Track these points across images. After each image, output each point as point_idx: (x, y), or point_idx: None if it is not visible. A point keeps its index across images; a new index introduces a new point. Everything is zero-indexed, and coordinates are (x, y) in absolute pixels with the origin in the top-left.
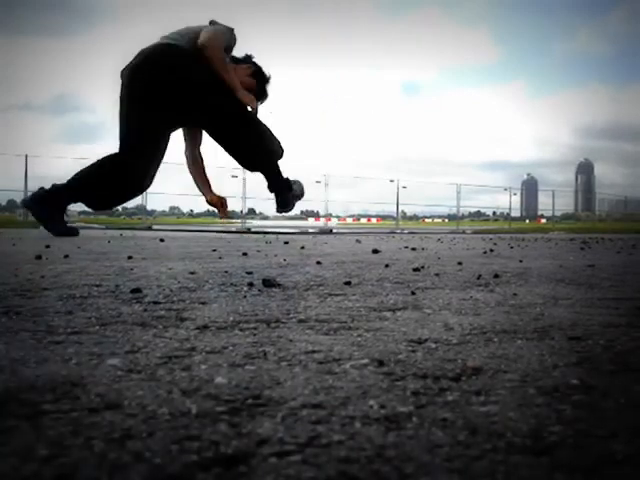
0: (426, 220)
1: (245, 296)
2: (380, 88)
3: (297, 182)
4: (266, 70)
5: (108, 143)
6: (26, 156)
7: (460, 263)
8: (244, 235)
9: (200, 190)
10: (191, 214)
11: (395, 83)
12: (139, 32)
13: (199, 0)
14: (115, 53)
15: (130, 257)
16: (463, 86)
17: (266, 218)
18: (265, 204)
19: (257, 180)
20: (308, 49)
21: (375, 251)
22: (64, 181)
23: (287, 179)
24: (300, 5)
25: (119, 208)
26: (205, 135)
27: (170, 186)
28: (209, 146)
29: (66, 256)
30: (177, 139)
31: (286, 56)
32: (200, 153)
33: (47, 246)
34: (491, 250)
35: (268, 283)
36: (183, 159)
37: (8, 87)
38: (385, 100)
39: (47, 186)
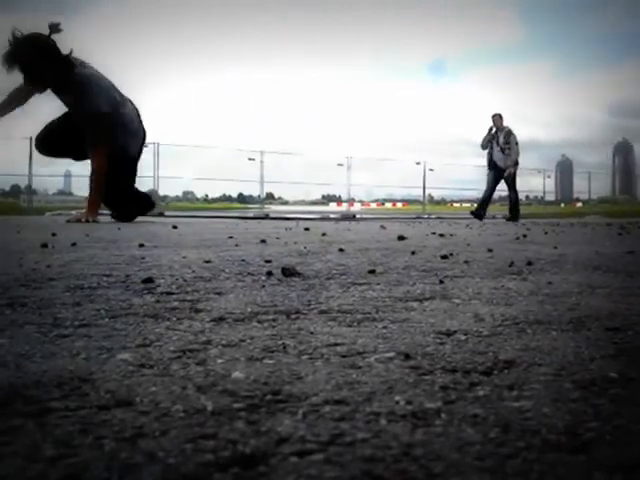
0: (454, 204)
1: (263, 286)
2: (404, 68)
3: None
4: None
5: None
6: (30, 138)
7: (491, 250)
8: (262, 221)
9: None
10: (206, 199)
11: (420, 63)
12: (142, 10)
13: (204, 1)
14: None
15: (141, 245)
16: (490, 65)
17: (285, 203)
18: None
19: (276, 163)
20: (332, 28)
21: (401, 237)
22: (72, 164)
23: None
24: (330, 6)
25: None
26: (220, 114)
27: (183, 170)
28: (224, 128)
29: (73, 244)
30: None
31: (314, 58)
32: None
33: (53, 234)
34: (524, 236)
35: (288, 272)
36: (198, 142)
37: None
38: (410, 80)
39: (55, 170)
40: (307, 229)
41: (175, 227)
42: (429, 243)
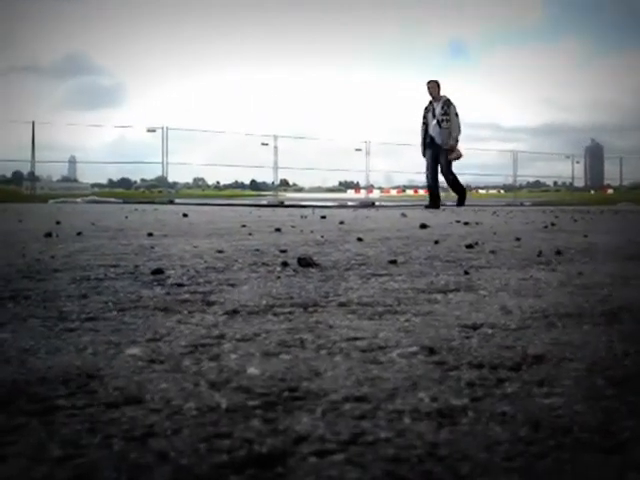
0: (480, 191)
1: (279, 277)
2: (424, 49)
3: None
4: None
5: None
6: (33, 123)
7: (518, 239)
8: (276, 209)
9: None
10: (217, 186)
11: (440, 43)
12: (142, 10)
13: (204, 1)
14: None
15: (150, 234)
16: (515, 46)
17: (300, 190)
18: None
19: (291, 149)
20: (337, 49)
21: (423, 226)
22: (77, 150)
23: None
24: (329, 6)
25: (137, 180)
26: (229, 96)
27: (194, 156)
28: (234, 109)
29: (79, 233)
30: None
31: (314, 58)
32: None
33: (57, 222)
34: (552, 224)
35: (304, 262)
36: (209, 127)
37: (11, 46)
38: (430, 62)
39: (59, 156)
40: (324, 217)
41: (185, 215)
42: (453, 232)
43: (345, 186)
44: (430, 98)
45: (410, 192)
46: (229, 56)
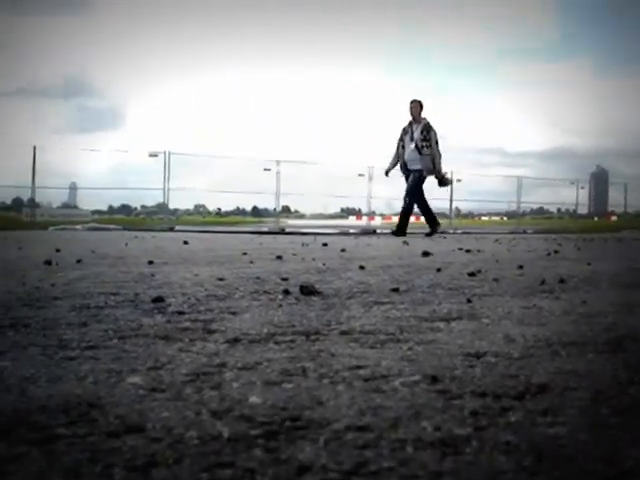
0: (482, 218)
1: (280, 305)
2: (427, 69)
3: None
4: None
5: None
6: (34, 148)
7: (521, 267)
8: (278, 236)
9: None
10: (219, 213)
11: (445, 63)
12: (142, 10)
13: (204, 1)
14: (127, 30)
15: (151, 262)
16: (521, 66)
17: (302, 217)
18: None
19: (293, 174)
20: (336, 50)
21: (425, 253)
22: (77, 176)
23: None
24: (329, 6)
25: (137, 207)
26: (226, 122)
27: (195, 181)
28: (237, 135)
29: (79, 261)
30: (201, 133)
31: (313, 58)
32: None
33: (57, 250)
34: (555, 252)
35: (306, 290)
36: (209, 152)
37: (10, 69)
38: (434, 83)
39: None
40: (325, 244)
41: (186, 242)
42: (455, 259)
43: (347, 213)
44: (410, 118)
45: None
46: (229, 56)
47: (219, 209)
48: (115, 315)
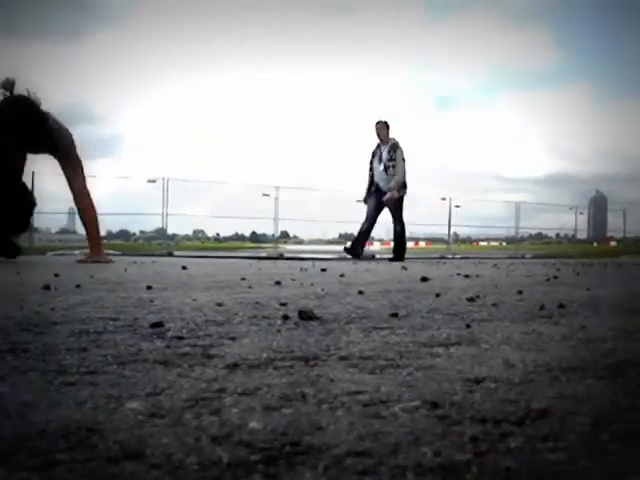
0: (481, 243)
1: (279, 330)
2: (428, 93)
3: None
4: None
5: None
6: (32, 173)
7: (520, 292)
8: (276, 261)
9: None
10: (217, 238)
11: (445, 89)
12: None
13: (204, 1)
14: (127, 57)
15: (149, 287)
16: (518, 91)
17: (301, 242)
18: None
19: (291, 200)
20: (336, 50)
21: (424, 279)
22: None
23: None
24: (333, 7)
25: (136, 232)
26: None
27: (194, 207)
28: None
29: (77, 286)
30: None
31: (313, 58)
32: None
33: (56, 275)
34: (554, 277)
35: (305, 315)
36: (208, 177)
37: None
38: (434, 108)
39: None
40: (324, 270)
41: (185, 268)
42: (454, 284)
43: (345, 238)
44: (378, 141)
45: (411, 244)
46: (229, 56)
47: (218, 234)
48: (114, 340)
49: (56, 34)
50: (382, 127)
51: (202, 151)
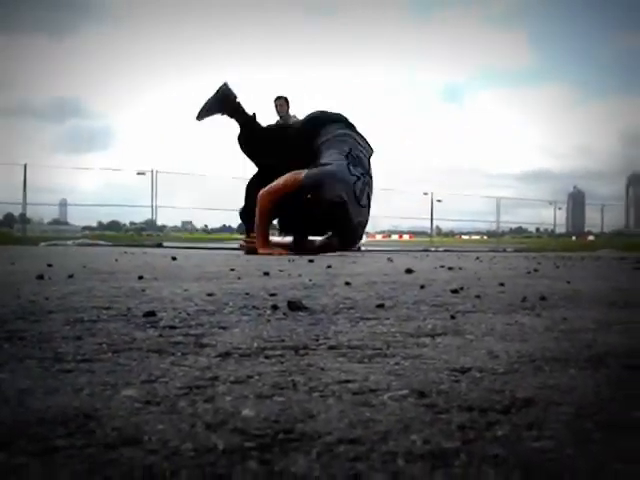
0: (463, 237)
1: (269, 320)
2: (409, 92)
3: None
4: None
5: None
6: (25, 165)
7: (502, 284)
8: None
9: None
10: (205, 230)
11: (426, 87)
12: (144, 31)
13: (204, 1)
14: (119, 53)
15: (141, 277)
16: (497, 91)
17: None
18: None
19: None
20: (336, 50)
21: (409, 271)
22: (67, 193)
23: None
24: (328, 6)
25: (126, 223)
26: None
27: (182, 199)
28: (231, 156)
29: (70, 276)
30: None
31: (314, 58)
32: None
33: (49, 265)
34: (535, 270)
35: (294, 306)
36: (194, 169)
37: (3, 89)
38: (414, 105)
39: (50, 198)
40: (311, 261)
41: (174, 258)
42: (438, 277)
43: None
44: (277, 118)
45: (395, 237)
46: (229, 56)
47: (206, 226)
48: (108, 329)
49: (53, 32)
50: (282, 103)
51: (192, 146)
